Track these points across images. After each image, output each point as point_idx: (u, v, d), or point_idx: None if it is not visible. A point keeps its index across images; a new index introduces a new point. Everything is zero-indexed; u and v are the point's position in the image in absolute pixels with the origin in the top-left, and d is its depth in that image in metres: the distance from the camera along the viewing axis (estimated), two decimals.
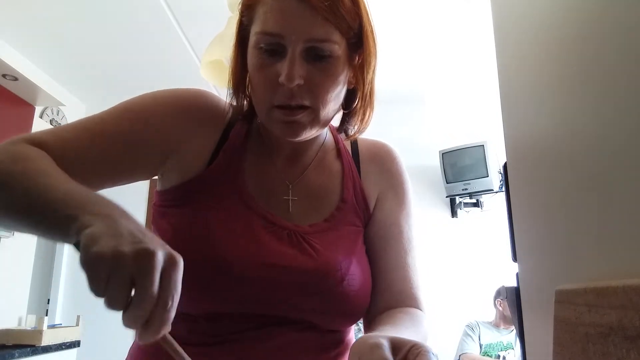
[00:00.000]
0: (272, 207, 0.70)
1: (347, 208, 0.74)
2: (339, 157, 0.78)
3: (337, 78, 0.65)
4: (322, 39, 0.62)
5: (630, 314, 0.32)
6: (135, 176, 0.70)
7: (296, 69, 0.61)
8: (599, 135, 0.42)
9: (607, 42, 0.40)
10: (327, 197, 0.74)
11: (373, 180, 0.78)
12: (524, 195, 0.65)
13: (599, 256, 0.42)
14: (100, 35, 2.70)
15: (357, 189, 0.76)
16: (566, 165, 0.50)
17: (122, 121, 0.67)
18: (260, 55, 0.64)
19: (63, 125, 0.68)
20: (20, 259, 3.04)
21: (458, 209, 4.33)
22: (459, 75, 3.13)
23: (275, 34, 0.62)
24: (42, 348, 2.59)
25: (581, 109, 0.46)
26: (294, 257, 0.66)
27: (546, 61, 0.55)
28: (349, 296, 0.67)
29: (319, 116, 0.66)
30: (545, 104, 0.55)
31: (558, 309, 0.45)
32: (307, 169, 0.75)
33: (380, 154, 0.81)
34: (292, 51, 0.62)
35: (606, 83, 0.40)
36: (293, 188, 0.73)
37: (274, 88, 0.63)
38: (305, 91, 0.63)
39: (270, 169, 0.73)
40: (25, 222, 0.53)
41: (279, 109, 0.64)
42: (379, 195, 0.78)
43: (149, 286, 0.41)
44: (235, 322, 0.64)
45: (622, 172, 0.38)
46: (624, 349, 0.32)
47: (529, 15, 0.61)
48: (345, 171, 0.77)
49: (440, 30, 2.67)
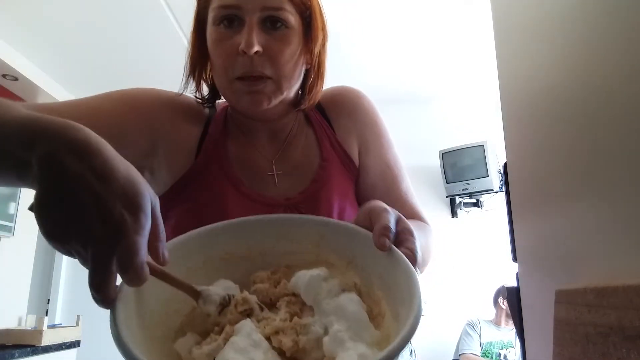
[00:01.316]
0: (260, 186, 0.73)
1: (331, 164, 0.77)
2: (311, 125, 0.81)
3: (293, 48, 0.69)
4: (276, 7, 0.66)
5: (630, 314, 0.32)
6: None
7: (254, 36, 0.65)
8: (599, 135, 0.42)
9: (608, 42, 0.40)
10: (309, 162, 0.77)
11: (346, 127, 0.81)
12: (524, 195, 0.65)
13: (599, 256, 0.42)
14: (101, 36, 2.70)
15: (335, 144, 0.79)
16: (566, 165, 0.50)
17: (111, 103, 0.69)
18: (219, 30, 0.68)
19: (49, 102, 0.69)
20: (20, 259, 3.04)
21: (458, 209, 4.33)
22: (459, 76, 3.13)
23: (232, 6, 0.66)
24: (42, 348, 2.59)
25: (582, 108, 0.46)
26: None
27: (546, 61, 0.55)
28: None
29: (281, 87, 0.69)
30: (545, 103, 0.56)
31: (558, 309, 0.45)
32: (285, 142, 0.78)
33: (343, 95, 0.83)
34: (249, 21, 0.65)
35: (606, 83, 0.40)
36: (276, 163, 0.76)
37: (234, 59, 0.66)
38: (265, 60, 0.66)
39: (252, 150, 0.76)
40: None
41: (240, 80, 0.67)
42: (359, 140, 0.81)
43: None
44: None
45: (622, 172, 0.38)
46: (624, 349, 0.32)
47: (529, 15, 0.61)
48: (317, 130, 0.79)
49: (441, 31, 2.67)
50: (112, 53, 2.89)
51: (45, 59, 2.95)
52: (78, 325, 3.01)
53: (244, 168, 0.74)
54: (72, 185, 0.38)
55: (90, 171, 0.38)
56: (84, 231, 0.38)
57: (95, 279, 0.38)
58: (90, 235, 0.38)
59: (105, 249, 0.38)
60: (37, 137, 0.40)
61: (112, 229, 0.38)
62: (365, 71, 3.18)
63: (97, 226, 0.38)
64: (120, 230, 0.38)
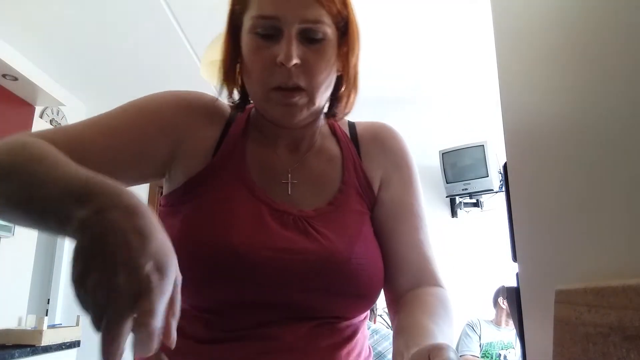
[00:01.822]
0: (273, 192, 0.72)
1: (350, 190, 0.75)
2: (337, 142, 0.80)
3: (329, 60, 0.68)
4: (315, 20, 0.65)
5: (630, 314, 0.32)
6: (140, 173, 0.71)
7: (293, 49, 0.64)
8: (599, 134, 0.42)
9: (609, 41, 0.40)
10: (329, 181, 0.75)
11: (375, 161, 0.79)
12: (524, 195, 0.65)
13: (599, 256, 0.42)
14: (100, 35, 2.70)
15: (359, 171, 0.77)
16: (566, 165, 0.50)
17: (129, 117, 0.69)
18: (256, 39, 0.66)
19: (70, 124, 0.68)
20: (20, 259, 3.04)
21: (458, 209, 4.34)
22: (459, 75, 3.13)
23: (271, 17, 0.65)
24: (42, 348, 2.59)
25: (582, 108, 0.46)
26: (300, 241, 0.67)
27: (546, 60, 0.55)
28: (358, 275, 0.67)
29: (314, 99, 0.68)
30: (545, 103, 0.56)
31: (558, 309, 0.45)
32: (306, 154, 0.77)
33: (382, 133, 0.82)
34: (288, 32, 0.65)
35: (607, 82, 0.40)
36: (292, 172, 0.74)
37: (271, 69, 0.65)
38: (301, 72, 0.66)
39: (271, 156, 0.75)
40: (23, 213, 0.51)
41: (277, 91, 0.66)
42: (383, 176, 0.79)
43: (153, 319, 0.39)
44: (249, 314, 0.65)
45: (623, 171, 0.38)
46: (624, 349, 0.32)
47: (529, 15, 0.61)
48: (345, 154, 0.78)
49: (441, 30, 2.67)
50: (113, 53, 2.89)
51: (45, 59, 2.95)
52: (78, 325, 3.01)
53: (259, 171, 0.73)
54: (112, 238, 0.40)
55: (132, 229, 0.41)
56: (110, 280, 0.39)
57: (109, 332, 0.38)
58: (114, 285, 0.39)
59: (125, 300, 0.39)
60: (92, 195, 0.44)
61: (137, 283, 0.39)
62: (365, 71, 3.18)
63: (124, 277, 0.39)
64: (145, 287, 0.39)
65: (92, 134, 0.66)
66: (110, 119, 0.69)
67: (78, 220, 0.42)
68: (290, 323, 0.65)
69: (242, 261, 0.63)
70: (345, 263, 0.67)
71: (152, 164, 0.71)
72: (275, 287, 0.64)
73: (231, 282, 0.63)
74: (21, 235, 2.92)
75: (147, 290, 0.39)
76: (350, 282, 0.67)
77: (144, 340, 0.39)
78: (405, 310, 0.67)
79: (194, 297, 0.64)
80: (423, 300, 0.68)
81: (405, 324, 0.63)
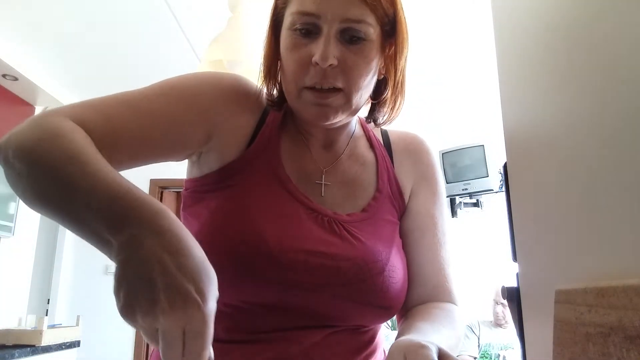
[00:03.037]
0: (306, 191, 0.70)
1: (383, 199, 0.74)
2: (372, 148, 0.78)
3: (370, 62, 0.65)
4: (357, 20, 0.62)
5: (630, 314, 0.32)
6: (171, 156, 0.69)
7: (331, 49, 0.61)
8: (599, 134, 0.42)
9: (609, 41, 0.40)
10: (363, 187, 0.74)
11: (407, 171, 0.78)
12: (524, 195, 0.65)
13: (599, 256, 0.42)
14: (101, 35, 2.70)
15: (392, 180, 0.76)
16: (566, 165, 0.49)
17: (167, 100, 0.65)
18: (295, 36, 0.64)
19: (101, 98, 0.63)
20: (20, 259, 3.04)
21: (458, 209, 4.33)
22: (459, 75, 3.13)
23: (311, 14, 0.62)
24: (42, 348, 2.59)
25: (582, 108, 0.46)
26: (334, 245, 0.65)
27: (546, 60, 0.55)
28: (388, 288, 0.66)
29: (351, 101, 0.65)
30: (545, 103, 0.55)
31: (558, 309, 0.45)
32: (340, 157, 0.75)
33: (414, 144, 0.81)
34: (327, 31, 0.62)
35: (607, 82, 0.40)
36: (326, 173, 0.73)
37: (306, 68, 0.63)
38: (338, 73, 0.63)
39: (305, 153, 0.73)
40: (59, 210, 0.49)
41: (310, 90, 0.64)
42: (413, 187, 0.78)
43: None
44: (274, 316, 0.63)
45: (623, 171, 0.38)
46: (624, 349, 0.32)
47: (530, 14, 0.61)
48: (379, 161, 0.77)
49: (441, 30, 2.67)
50: (113, 53, 2.89)
51: (45, 59, 2.95)
52: (78, 325, 3.01)
53: (293, 168, 0.71)
54: (148, 266, 0.41)
55: (167, 252, 0.42)
56: (150, 305, 0.40)
57: (168, 354, 0.40)
58: (156, 309, 0.40)
59: (173, 320, 0.40)
60: (126, 222, 0.44)
61: (180, 302, 0.40)
62: None
63: (163, 299, 0.40)
64: (188, 302, 0.40)
65: (126, 118, 0.61)
66: (146, 101, 0.64)
67: (115, 247, 0.43)
68: (309, 328, 0.64)
69: (275, 263, 0.61)
70: (378, 275, 0.66)
71: (185, 149, 0.69)
72: (304, 292, 0.63)
73: (259, 283, 0.62)
74: (21, 235, 2.92)
75: (192, 305, 0.40)
76: (380, 295, 0.66)
77: (200, 345, 0.41)
78: (409, 319, 0.66)
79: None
80: (429, 312, 0.68)
81: (403, 329, 0.63)
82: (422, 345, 0.47)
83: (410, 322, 0.64)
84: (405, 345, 0.49)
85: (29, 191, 0.51)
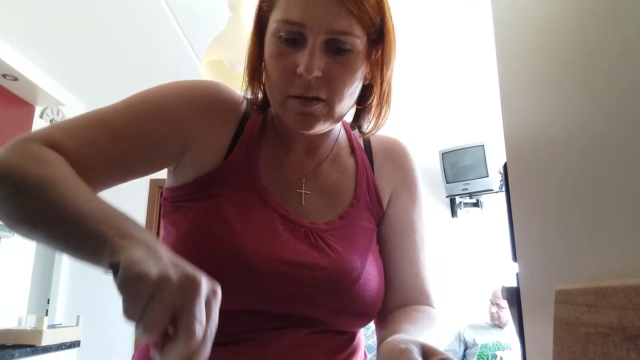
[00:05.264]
0: (285, 201, 0.70)
1: (361, 205, 0.74)
2: (353, 154, 0.78)
3: (355, 73, 0.64)
4: (344, 32, 0.61)
5: (630, 314, 0.32)
6: (148, 172, 0.68)
7: (315, 61, 0.60)
8: (599, 134, 0.42)
9: (609, 41, 0.40)
10: (341, 194, 0.74)
11: (387, 176, 0.78)
12: (524, 195, 0.65)
13: (599, 256, 0.42)
14: (101, 35, 2.70)
15: (371, 186, 0.76)
16: (566, 165, 0.50)
17: (138, 117, 0.65)
18: (279, 44, 0.63)
19: (74, 119, 0.63)
20: (20, 259, 3.03)
21: (458, 209, 4.33)
22: (459, 75, 3.13)
23: (297, 23, 0.61)
24: (42, 348, 2.59)
25: (582, 108, 0.46)
26: (311, 255, 0.66)
27: (546, 60, 0.55)
28: (364, 297, 0.67)
29: (334, 110, 0.65)
30: (545, 103, 0.56)
31: (558, 309, 0.45)
32: (322, 164, 0.75)
33: (394, 149, 0.81)
34: (312, 42, 0.61)
35: (607, 82, 0.40)
36: (306, 182, 0.73)
37: (290, 78, 0.62)
38: (322, 83, 0.62)
39: (285, 162, 0.73)
40: (46, 233, 0.50)
41: (294, 98, 0.63)
42: (393, 192, 0.78)
43: (198, 315, 0.39)
44: (252, 320, 0.64)
45: (623, 171, 0.38)
46: (624, 349, 0.32)
47: (530, 15, 0.61)
48: (359, 168, 0.77)
49: (440, 30, 2.67)
50: (113, 53, 2.89)
51: (45, 59, 2.95)
52: (78, 325, 3.01)
53: (272, 178, 0.71)
54: (143, 257, 0.41)
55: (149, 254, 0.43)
56: (158, 260, 0.42)
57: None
58: (163, 263, 0.42)
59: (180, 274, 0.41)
60: (114, 253, 0.43)
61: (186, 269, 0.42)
62: None
63: (169, 264, 0.42)
64: (191, 272, 0.42)
65: (100, 140, 0.61)
66: (120, 120, 0.64)
67: (107, 250, 0.44)
68: (288, 328, 0.65)
69: (252, 272, 0.62)
70: (353, 284, 0.66)
71: (160, 162, 0.69)
72: (281, 300, 0.64)
73: (236, 292, 0.62)
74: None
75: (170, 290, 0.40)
76: (356, 302, 0.66)
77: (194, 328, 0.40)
78: (390, 325, 0.66)
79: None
80: (409, 315, 0.68)
81: (385, 335, 0.63)
82: (406, 349, 0.47)
83: (392, 327, 0.63)
84: (389, 348, 0.49)
85: (5, 216, 0.53)
